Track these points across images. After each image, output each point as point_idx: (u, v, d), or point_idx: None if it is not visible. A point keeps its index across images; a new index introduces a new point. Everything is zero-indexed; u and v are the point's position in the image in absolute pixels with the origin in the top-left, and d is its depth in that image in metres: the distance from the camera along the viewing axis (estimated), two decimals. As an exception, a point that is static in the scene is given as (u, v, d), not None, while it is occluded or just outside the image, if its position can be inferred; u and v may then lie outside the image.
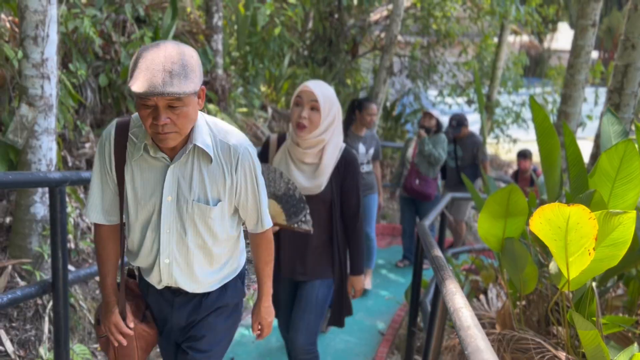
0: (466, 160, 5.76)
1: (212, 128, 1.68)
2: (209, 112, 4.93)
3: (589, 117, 8.32)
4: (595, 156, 3.41)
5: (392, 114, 9.52)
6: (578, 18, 4.66)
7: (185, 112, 1.51)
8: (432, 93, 10.90)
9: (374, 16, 10.21)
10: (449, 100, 10.61)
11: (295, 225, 2.34)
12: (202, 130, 1.64)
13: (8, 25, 3.55)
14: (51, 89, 2.88)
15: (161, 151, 1.63)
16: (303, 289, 2.47)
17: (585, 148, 3.46)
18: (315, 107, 2.27)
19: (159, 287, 1.78)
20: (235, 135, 1.70)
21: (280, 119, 7.23)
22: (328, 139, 2.33)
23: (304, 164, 2.35)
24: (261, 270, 1.92)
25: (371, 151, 4.58)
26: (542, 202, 3.10)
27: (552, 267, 2.04)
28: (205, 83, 5.20)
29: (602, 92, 8.88)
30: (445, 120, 5.91)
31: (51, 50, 2.85)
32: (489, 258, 4.74)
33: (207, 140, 1.63)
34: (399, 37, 8.45)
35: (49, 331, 2.86)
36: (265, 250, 1.89)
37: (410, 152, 5.32)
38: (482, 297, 3.34)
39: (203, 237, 1.70)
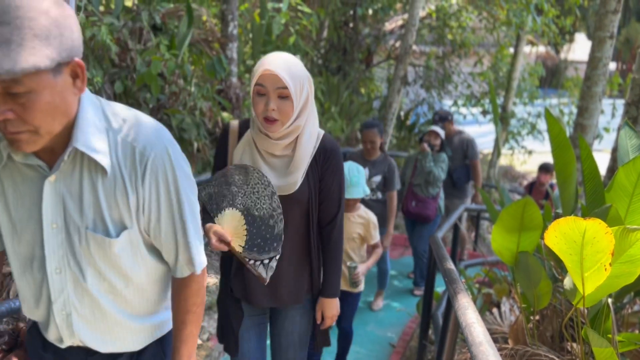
0: (456, 160, 5.36)
1: (110, 121, 1.15)
2: (222, 121, 4.96)
3: (606, 130, 8.24)
4: (612, 170, 3.36)
5: (405, 124, 9.50)
6: (596, 30, 4.62)
7: (34, 101, 0.99)
8: (447, 103, 10.87)
9: (389, 25, 10.23)
10: (463, 110, 10.58)
11: (251, 261, 1.80)
12: (89, 125, 1.11)
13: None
14: (67, 96, 2.91)
15: (37, 156, 1.13)
16: (279, 322, 2.02)
17: (602, 160, 3.41)
18: (284, 95, 1.74)
19: (62, 346, 1.29)
20: (146, 131, 1.16)
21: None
22: (303, 124, 1.84)
23: (274, 157, 1.86)
24: (178, 327, 1.30)
25: (377, 178, 4.11)
26: (557, 216, 3.06)
27: (567, 282, 2.01)
28: (219, 91, 5.23)
29: (620, 104, 8.79)
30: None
31: (68, 57, 2.88)
32: (502, 270, 4.69)
33: (98, 140, 1.12)
34: (414, 47, 8.45)
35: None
36: (190, 298, 1.29)
37: (409, 171, 4.94)
38: (494, 310, 3.30)
39: (109, 280, 1.21)
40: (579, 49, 19.01)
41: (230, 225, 1.81)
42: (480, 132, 13.02)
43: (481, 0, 8.87)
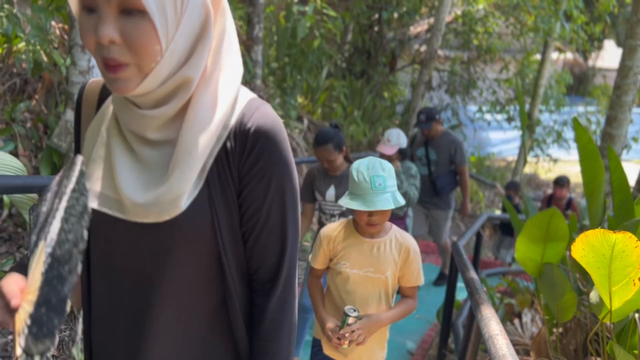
0: (442, 165, 4.61)
1: None
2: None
3: (635, 140, 8.07)
4: (641, 181, 3.29)
5: (429, 129, 9.45)
6: (627, 38, 4.53)
7: None
8: (471, 109, 10.79)
9: (414, 29, 10.19)
10: (488, 116, 10.48)
11: (22, 356, 0.75)
12: None
13: (58, 32, 3.68)
14: (95, 96, 2.96)
15: None
16: None
17: (630, 171, 3.34)
18: (131, 8, 0.78)
19: None
20: None
21: (316, 130, 7.27)
22: (199, 76, 0.87)
23: (146, 145, 0.90)
24: None
25: None
26: (584, 228, 3.00)
27: (593, 295, 1.96)
28: (244, 93, 5.28)
29: (650, 113, 8.60)
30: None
31: (97, 57, 2.94)
32: (524, 280, 4.62)
33: None
34: (439, 52, 8.40)
35: (82, 333, 2.91)
36: None
37: None
38: (516, 321, 3.25)
39: None
40: (608, 56, 18.68)
41: (35, 275, 0.81)
42: (505, 139, 12.89)
43: (508, 6, 8.78)
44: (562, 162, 11.33)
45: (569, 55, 16.34)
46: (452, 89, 9.91)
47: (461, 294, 4.30)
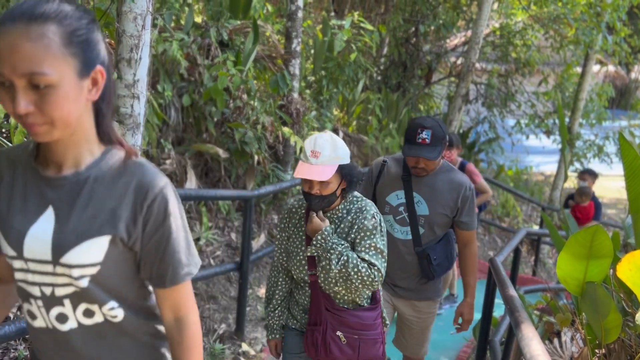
0: (437, 225, 2.49)
1: None
2: (283, 135, 5.05)
3: (681, 155, 7.78)
4: (689, 199, 3.18)
5: (465, 142, 9.36)
6: (673, 50, 4.40)
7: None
8: (509, 122, 10.63)
9: (451, 42, 10.13)
10: (526, 130, 10.31)
11: None
12: None
13: (105, 47, 3.82)
14: (140, 108, 3.06)
15: None
16: None
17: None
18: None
19: None
20: None
21: (351, 143, 7.28)
22: None
23: None
24: None
25: None
26: (628, 246, 2.93)
27: None
28: (281, 106, 5.35)
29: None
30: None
31: (142, 72, 3.03)
32: (563, 298, 4.50)
33: None
34: (476, 64, 8.33)
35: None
36: None
37: (297, 260, 2.03)
38: (555, 340, 3.16)
39: None
40: (652, 68, 18.14)
41: None
42: (543, 152, 12.64)
43: (548, 19, 8.64)
44: (603, 177, 11.02)
45: (611, 68, 15.96)
46: (490, 102, 9.79)
47: (497, 310, 4.23)
